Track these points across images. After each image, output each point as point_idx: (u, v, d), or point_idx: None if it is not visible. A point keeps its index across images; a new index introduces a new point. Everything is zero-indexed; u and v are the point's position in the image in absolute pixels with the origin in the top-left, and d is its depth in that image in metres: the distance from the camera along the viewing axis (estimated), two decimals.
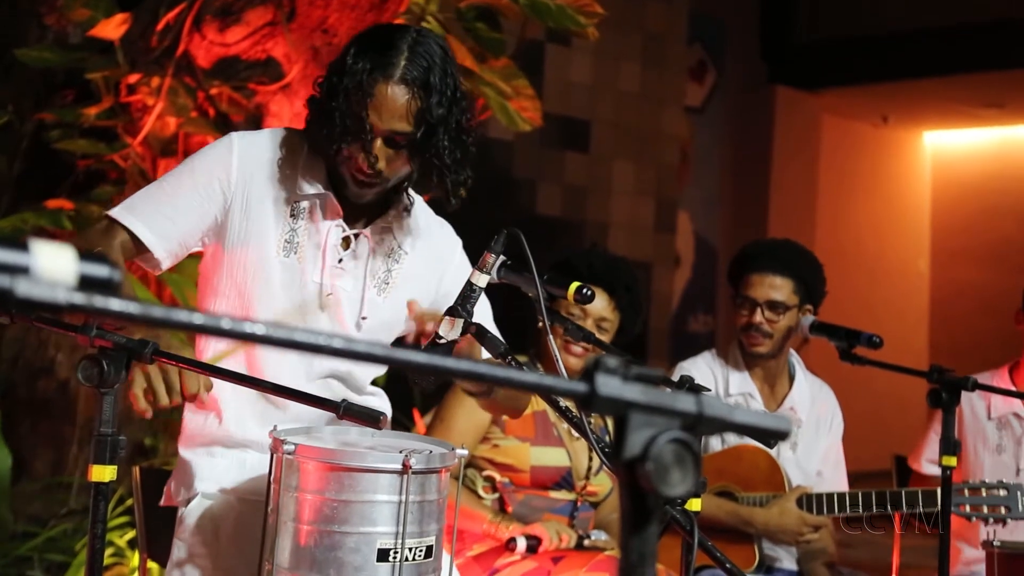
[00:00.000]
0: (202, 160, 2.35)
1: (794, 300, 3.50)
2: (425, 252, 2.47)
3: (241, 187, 2.32)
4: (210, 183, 2.31)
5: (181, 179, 2.33)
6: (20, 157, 4.41)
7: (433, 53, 2.24)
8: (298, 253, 2.34)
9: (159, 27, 4.22)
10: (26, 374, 4.34)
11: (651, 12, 8.08)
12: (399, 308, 2.43)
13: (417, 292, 2.45)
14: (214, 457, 2.40)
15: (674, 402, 1.00)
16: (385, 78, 2.20)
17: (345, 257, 2.37)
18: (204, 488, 2.37)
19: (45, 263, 0.84)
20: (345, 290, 2.37)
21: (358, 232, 2.38)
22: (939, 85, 9.27)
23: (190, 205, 2.31)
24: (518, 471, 3.20)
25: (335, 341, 0.93)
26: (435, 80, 2.22)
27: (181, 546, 2.34)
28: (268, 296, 2.34)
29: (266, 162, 2.35)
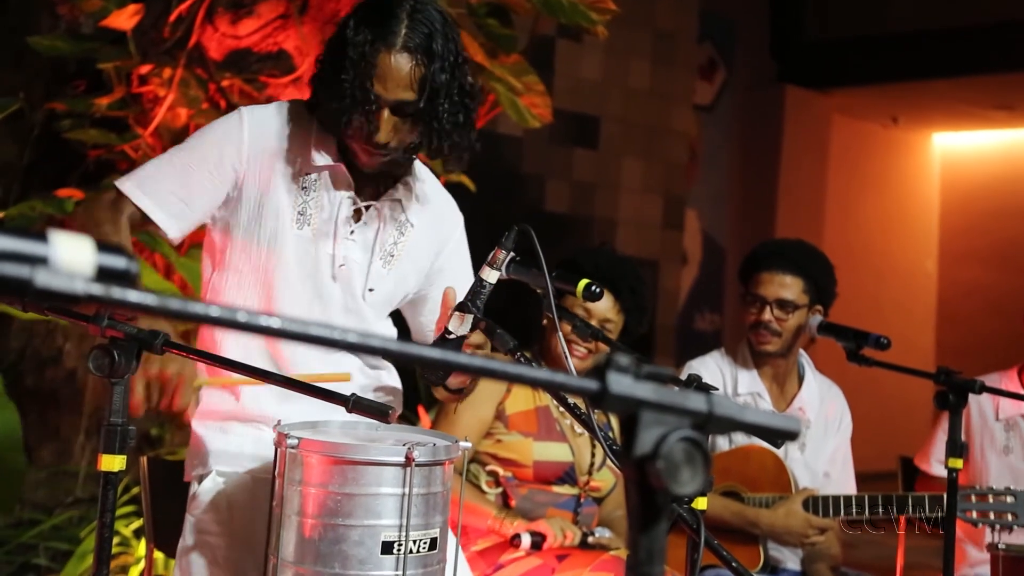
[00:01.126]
0: (212, 136, 2.35)
1: (804, 300, 3.50)
2: (429, 225, 2.48)
3: (253, 162, 2.32)
4: (221, 161, 2.31)
5: (192, 156, 2.33)
6: (30, 146, 4.42)
7: (433, 19, 2.24)
8: (311, 225, 2.34)
9: (171, 18, 4.22)
10: (34, 363, 4.35)
11: (661, 10, 8.07)
12: (402, 280, 2.45)
13: (417, 265, 2.47)
14: (228, 434, 2.40)
15: (685, 401, 1.00)
16: (387, 47, 2.20)
17: (356, 228, 2.38)
18: (218, 466, 2.38)
19: (64, 254, 0.85)
20: (356, 261, 2.38)
21: (369, 204, 2.38)
22: (949, 86, 9.26)
23: (202, 184, 2.31)
24: (521, 466, 3.21)
25: (350, 336, 0.93)
26: (437, 46, 2.22)
27: (193, 522, 2.35)
28: (283, 268, 2.34)
29: (276, 136, 2.35)
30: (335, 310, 2.39)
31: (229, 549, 2.31)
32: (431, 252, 2.50)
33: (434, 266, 2.51)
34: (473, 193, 4.36)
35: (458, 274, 2.54)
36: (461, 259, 2.57)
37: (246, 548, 2.29)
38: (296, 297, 2.36)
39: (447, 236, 2.53)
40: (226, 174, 2.32)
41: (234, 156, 2.31)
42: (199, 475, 2.40)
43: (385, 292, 2.44)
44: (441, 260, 2.51)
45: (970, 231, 10.66)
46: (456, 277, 2.53)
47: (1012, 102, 9.62)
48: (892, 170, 10.87)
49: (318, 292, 2.37)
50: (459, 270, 2.56)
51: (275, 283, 2.35)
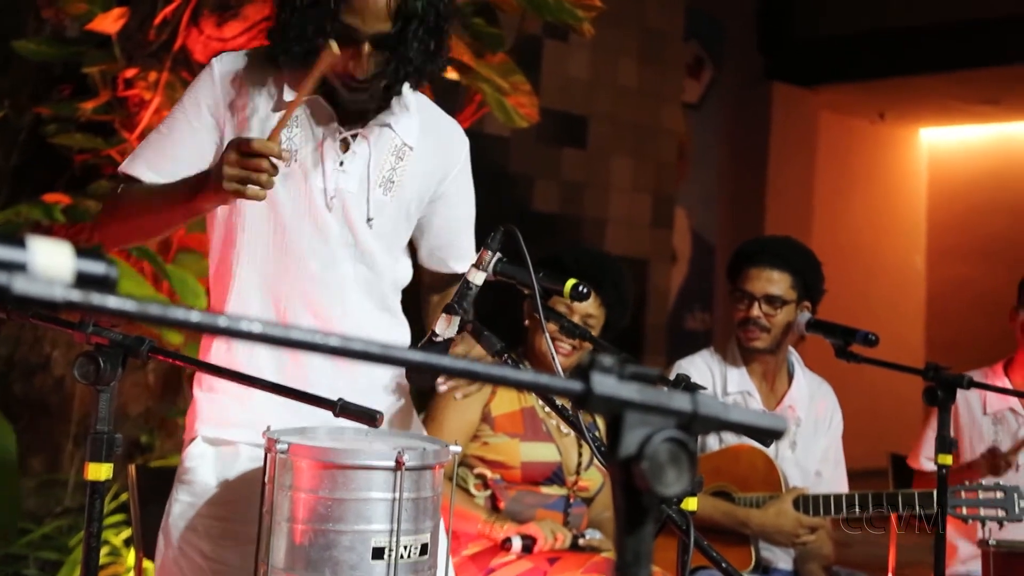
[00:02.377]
0: (190, 93, 2.36)
1: (792, 295, 3.50)
2: (432, 148, 2.44)
3: (227, 106, 2.32)
4: (199, 111, 2.32)
5: (175, 116, 2.36)
6: (17, 151, 4.41)
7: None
8: (298, 161, 2.32)
9: (157, 21, 4.21)
10: (22, 371, 4.34)
11: (649, 8, 8.08)
12: (406, 206, 2.41)
13: (421, 189, 2.43)
14: (215, 392, 2.37)
15: (669, 401, 1.00)
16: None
17: (346, 159, 2.34)
18: (204, 431, 2.35)
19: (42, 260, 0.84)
20: (351, 192, 2.34)
21: (355, 132, 2.34)
22: (935, 82, 9.28)
23: (185, 138, 2.33)
24: (509, 467, 3.20)
25: (331, 340, 0.92)
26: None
27: (180, 488, 2.33)
28: (272, 207, 2.31)
29: (249, 77, 2.33)
30: (336, 246, 2.35)
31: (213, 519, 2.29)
32: (434, 177, 2.45)
33: (437, 191, 2.46)
34: None
35: (460, 201, 2.52)
36: (464, 186, 2.53)
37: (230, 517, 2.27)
38: (294, 237, 2.33)
39: (452, 161, 2.48)
40: (206, 123, 2.33)
41: (210, 104, 2.32)
42: (188, 439, 2.38)
43: (389, 220, 2.40)
44: (445, 185, 2.47)
45: (958, 226, 10.68)
46: (458, 205, 2.51)
47: (998, 96, 9.64)
48: (880, 166, 10.88)
49: (316, 228, 2.34)
50: (461, 198, 2.52)
51: (270, 225, 2.33)
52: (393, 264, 2.45)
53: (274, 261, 2.34)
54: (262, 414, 2.16)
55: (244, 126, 2.32)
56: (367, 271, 2.39)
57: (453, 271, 2.53)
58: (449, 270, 2.55)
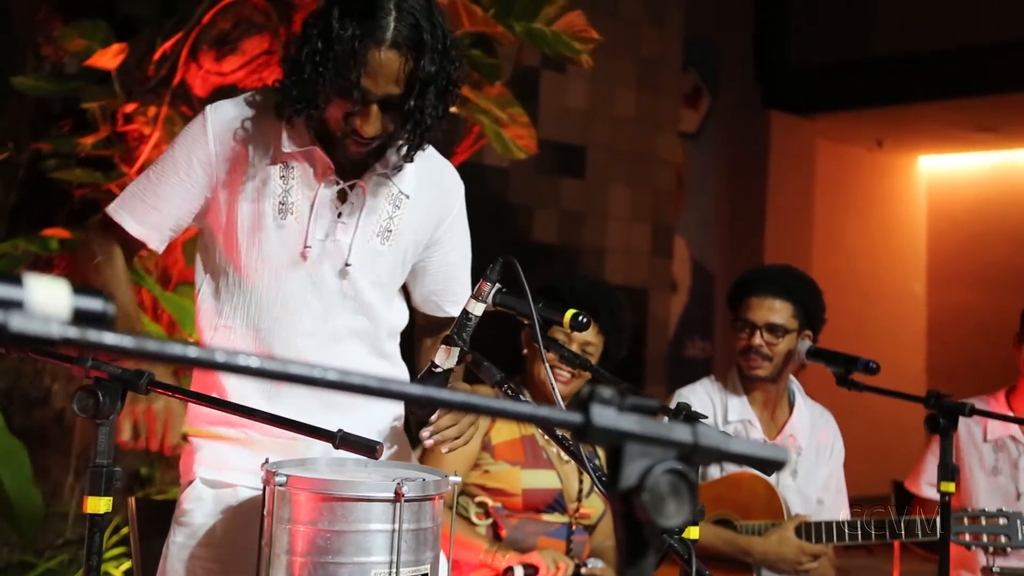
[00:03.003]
0: (180, 143, 2.34)
1: (793, 324, 3.51)
2: (428, 195, 2.44)
3: (223, 160, 2.30)
4: (190, 165, 2.31)
5: (164, 166, 2.34)
6: (16, 187, 4.42)
7: (419, 6, 2.20)
8: (294, 214, 2.31)
9: (156, 56, 4.23)
10: (22, 404, 4.33)
11: (645, 38, 8.11)
12: (403, 254, 2.42)
13: (417, 237, 2.43)
14: (214, 439, 2.36)
15: (669, 432, 1.00)
16: (376, 44, 2.15)
17: (343, 210, 2.34)
18: (203, 473, 2.35)
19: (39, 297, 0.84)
20: (348, 243, 2.34)
21: (352, 183, 2.34)
22: (933, 109, 9.30)
23: (173, 191, 2.31)
24: (510, 495, 3.20)
25: (329, 374, 0.92)
26: (426, 37, 2.18)
27: (178, 530, 2.33)
28: (267, 263, 2.31)
29: (243, 129, 2.32)
30: (331, 296, 2.35)
31: (211, 560, 2.29)
32: (430, 223, 2.46)
33: (433, 237, 2.47)
34: None
35: (456, 246, 2.52)
36: (460, 231, 2.54)
37: (229, 559, 2.27)
38: (289, 290, 2.33)
39: (448, 207, 2.49)
40: (196, 177, 2.31)
41: (202, 158, 2.30)
42: (185, 482, 2.38)
43: (387, 269, 2.40)
44: (441, 231, 2.48)
45: (958, 254, 10.68)
46: (454, 250, 2.52)
47: (996, 124, 9.66)
48: (878, 194, 10.90)
49: (311, 282, 2.33)
50: (457, 242, 2.53)
51: (264, 279, 2.32)
52: (388, 311, 2.46)
53: (267, 315, 2.34)
54: (262, 458, 2.15)
55: (242, 180, 2.30)
56: (365, 321, 2.40)
57: (448, 315, 2.52)
58: (444, 314, 2.55)
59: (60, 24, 4.37)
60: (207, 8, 4.25)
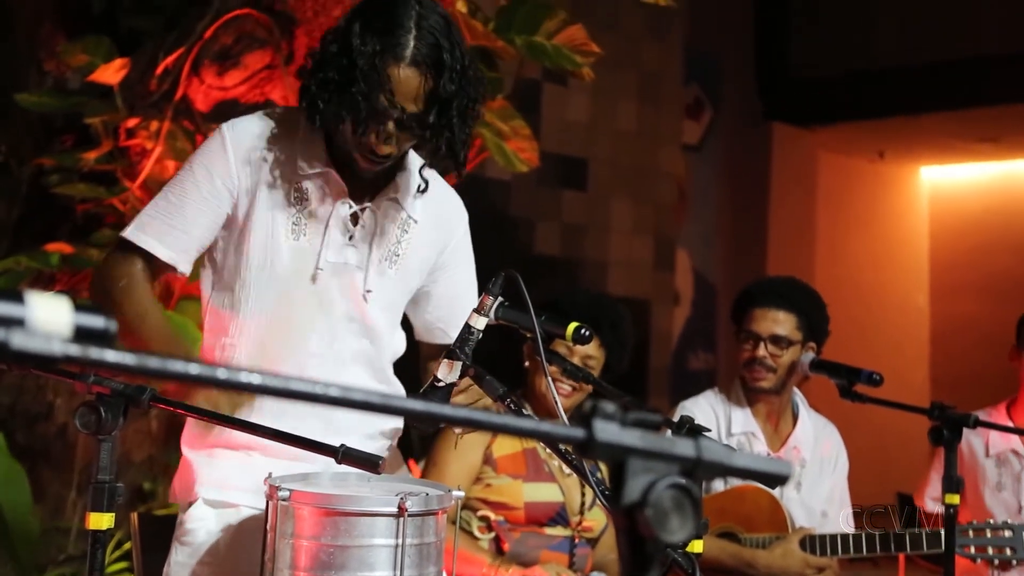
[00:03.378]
0: (200, 162, 2.33)
1: (797, 336, 3.51)
2: (433, 219, 2.45)
3: (243, 178, 2.30)
4: (212, 183, 2.30)
5: (184, 186, 2.32)
6: (19, 202, 4.43)
7: (439, 25, 2.21)
8: (307, 235, 2.31)
9: (158, 71, 4.24)
10: (24, 419, 4.33)
11: (647, 51, 8.12)
12: (408, 278, 2.42)
13: (422, 262, 2.44)
14: (215, 460, 2.36)
15: (672, 447, 1.00)
16: (396, 60, 2.16)
17: (355, 233, 2.34)
18: (205, 493, 2.34)
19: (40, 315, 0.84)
20: (358, 267, 2.35)
21: (364, 206, 2.35)
22: (934, 121, 9.30)
23: (199, 212, 2.30)
24: (512, 508, 3.19)
25: (331, 390, 0.92)
26: (445, 56, 2.19)
27: (180, 549, 2.32)
28: (276, 282, 2.31)
29: (261, 148, 2.32)
30: (337, 319, 2.35)
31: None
32: (436, 248, 2.47)
33: (438, 262, 2.48)
34: None
35: (459, 271, 2.53)
36: (464, 256, 2.55)
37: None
38: (296, 310, 2.33)
39: (452, 232, 2.50)
40: (220, 195, 2.30)
41: (223, 175, 2.30)
42: (186, 502, 2.37)
43: (393, 293, 2.41)
44: (445, 256, 2.49)
45: (961, 264, 10.67)
46: (456, 274, 2.52)
47: (997, 135, 9.66)
48: (880, 205, 10.90)
49: (320, 303, 2.34)
50: (461, 268, 2.53)
51: (273, 298, 2.32)
52: (392, 337, 2.46)
53: (274, 335, 2.34)
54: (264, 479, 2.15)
55: (257, 198, 2.30)
56: (368, 345, 2.40)
57: None
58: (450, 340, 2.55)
59: (63, 39, 4.38)
60: (209, 23, 4.26)
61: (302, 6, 4.31)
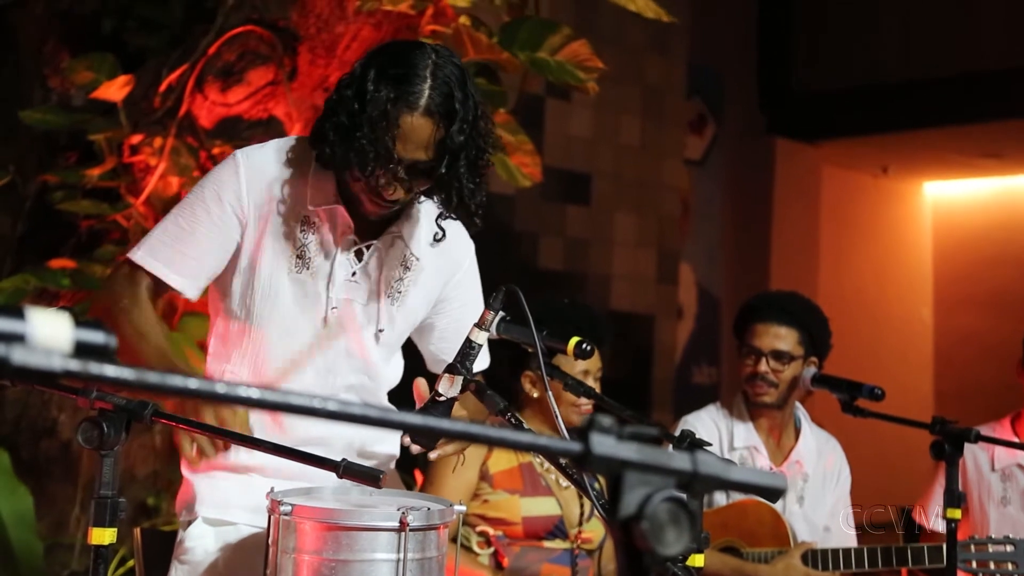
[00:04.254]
0: (212, 188, 2.32)
1: (799, 351, 3.51)
2: (437, 256, 2.46)
3: (253, 207, 2.31)
4: (223, 211, 2.30)
5: (195, 212, 2.31)
6: (23, 218, 4.44)
7: (453, 76, 2.21)
8: (310, 269, 2.32)
9: (162, 88, 4.26)
10: (29, 434, 4.33)
11: (650, 66, 8.14)
12: (411, 315, 2.43)
13: (427, 298, 2.45)
14: (215, 480, 2.37)
15: (669, 461, 1.00)
16: (410, 109, 2.17)
17: (359, 270, 2.35)
18: (205, 512, 2.35)
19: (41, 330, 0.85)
20: (360, 303, 2.36)
21: (369, 244, 2.36)
22: (937, 136, 9.31)
23: (210, 238, 2.30)
24: (510, 524, 3.19)
25: (329, 404, 0.93)
26: (457, 106, 2.19)
27: (179, 568, 2.32)
28: (279, 313, 2.32)
29: (274, 178, 2.33)
30: (337, 355, 2.36)
31: None
32: (439, 283, 2.48)
33: (442, 295, 2.49)
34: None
35: (466, 302, 2.53)
36: (470, 288, 2.55)
37: None
38: (296, 343, 2.34)
39: (456, 265, 2.51)
40: (231, 222, 2.30)
41: (235, 203, 2.30)
42: (186, 521, 2.37)
43: (395, 331, 2.42)
44: (448, 289, 2.50)
45: (964, 279, 10.66)
46: (463, 305, 2.53)
47: (1000, 150, 9.66)
48: (884, 219, 10.90)
49: (319, 339, 2.35)
50: (466, 300, 2.53)
51: (274, 330, 2.33)
52: (387, 368, 2.48)
53: (273, 367, 2.35)
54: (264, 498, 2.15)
55: (266, 228, 2.31)
56: (366, 379, 2.42)
57: None
58: None
59: (67, 56, 4.40)
60: (212, 40, 4.28)
61: (305, 23, 4.32)
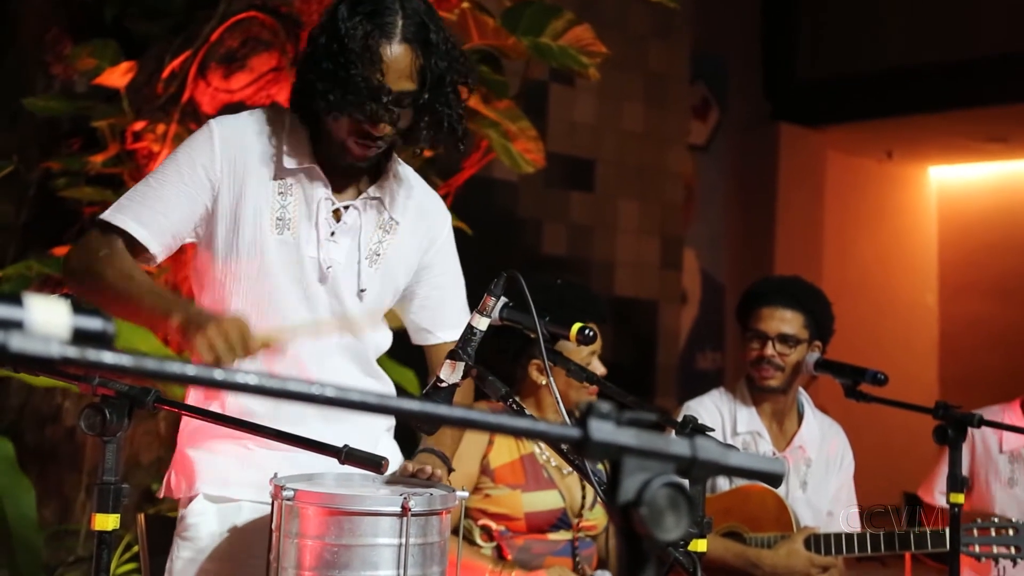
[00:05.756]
0: (185, 152, 2.34)
1: (804, 335, 3.51)
2: (415, 223, 2.47)
3: (227, 172, 2.32)
4: (194, 172, 2.31)
5: (167, 173, 2.33)
6: (27, 205, 4.44)
7: (422, 8, 2.25)
8: (291, 229, 2.33)
9: (164, 74, 4.25)
10: (33, 421, 4.35)
11: (653, 51, 8.12)
12: (390, 279, 2.44)
13: (405, 263, 2.46)
14: (215, 454, 2.36)
15: (667, 446, 1.00)
16: (387, 38, 2.19)
17: (338, 230, 2.36)
18: (206, 489, 2.35)
19: (39, 317, 0.85)
20: (340, 263, 2.36)
21: (348, 204, 2.37)
22: (942, 120, 9.29)
23: (179, 197, 2.31)
24: (513, 519, 3.16)
25: (328, 390, 0.93)
26: (432, 36, 2.23)
27: (182, 545, 2.33)
28: (266, 275, 2.32)
29: (248, 143, 2.34)
30: (323, 314, 2.37)
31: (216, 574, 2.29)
32: (418, 249, 2.48)
33: (421, 262, 2.50)
34: (470, 238, 4.38)
35: (445, 271, 2.54)
36: (449, 256, 2.56)
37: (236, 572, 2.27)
38: (283, 302, 2.34)
39: (435, 234, 2.51)
40: (202, 185, 2.31)
41: (208, 167, 2.31)
42: (186, 497, 2.37)
43: (376, 292, 2.42)
44: (428, 256, 2.50)
45: (969, 264, 10.66)
46: (443, 274, 2.54)
47: (1005, 134, 9.65)
48: (889, 204, 10.89)
49: (305, 296, 2.35)
50: (445, 268, 2.55)
51: (260, 290, 2.33)
52: (375, 333, 2.48)
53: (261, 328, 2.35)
54: (266, 473, 2.15)
55: (243, 193, 2.32)
56: (353, 340, 2.42)
57: (442, 341, 2.54)
58: (438, 340, 2.55)
59: (70, 43, 4.40)
60: (215, 26, 4.27)
61: (307, 8, 4.32)
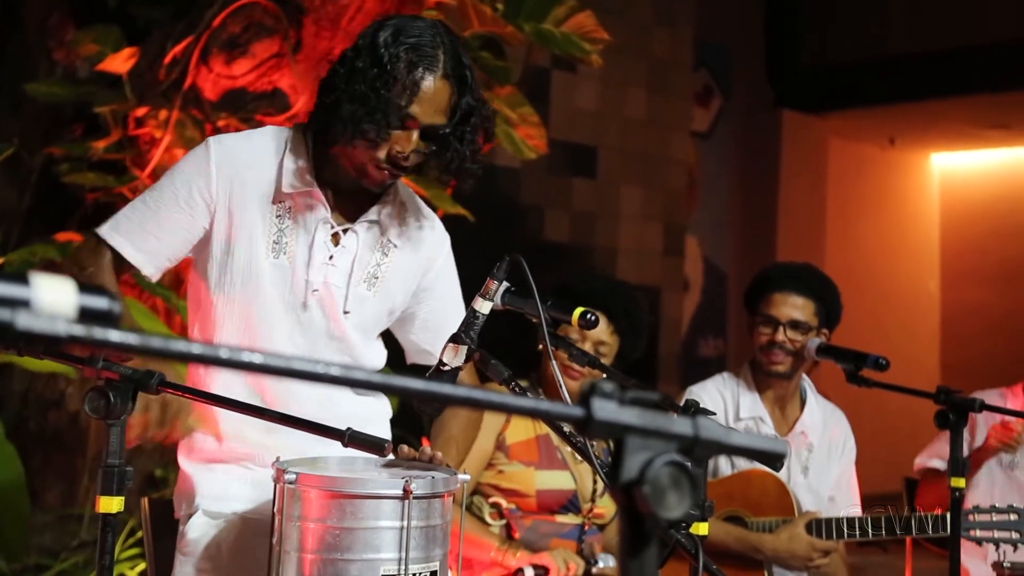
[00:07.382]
0: (181, 172, 2.34)
1: (814, 322, 3.51)
2: (413, 245, 2.47)
3: (223, 194, 2.31)
4: (191, 195, 2.31)
5: (163, 193, 2.33)
6: (29, 191, 4.45)
7: (457, 44, 2.28)
8: (287, 253, 2.33)
9: (166, 60, 4.25)
10: (37, 406, 4.36)
11: (656, 38, 8.11)
12: (387, 302, 2.45)
13: (404, 285, 2.46)
14: (214, 472, 2.38)
15: (670, 425, 1.01)
16: (430, 71, 2.22)
17: (336, 253, 2.36)
18: (205, 504, 2.36)
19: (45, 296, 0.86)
20: (337, 286, 2.37)
21: (346, 227, 2.37)
22: (945, 107, 9.28)
23: (173, 220, 2.31)
24: (524, 496, 3.20)
25: (333, 369, 0.94)
26: (467, 74, 2.26)
27: (184, 560, 2.34)
28: (260, 299, 2.33)
29: (245, 164, 2.33)
30: (317, 336, 2.38)
31: None
32: (417, 272, 2.49)
33: (420, 284, 2.51)
34: (473, 224, 4.38)
35: (445, 293, 2.55)
36: (448, 279, 2.57)
37: None
38: (276, 327, 2.35)
39: (434, 256, 2.52)
40: (196, 208, 2.31)
41: (203, 189, 2.31)
42: (186, 514, 2.39)
43: (371, 314, 2.43)
44: (428, 279, 2.51)
45: (971, 250, 10.66)
46: (444, 296, 2.55)
47: (1008, 121, 9.63)
48: (891, 191, 10.88)
49: (298, 320, 2.36)
50: (446, 289, 2.56)
51: (253, 315, 2.34)
52: (370, 352, 2.49)
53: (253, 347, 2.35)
54: (265, 491, 2.15)
55: (239, 215, 2.32)
56: (349, 360, 2.43)
57: None
58: None
59: (72, 29, 4.40)
60: (217, 12, 4.27)
61: None
